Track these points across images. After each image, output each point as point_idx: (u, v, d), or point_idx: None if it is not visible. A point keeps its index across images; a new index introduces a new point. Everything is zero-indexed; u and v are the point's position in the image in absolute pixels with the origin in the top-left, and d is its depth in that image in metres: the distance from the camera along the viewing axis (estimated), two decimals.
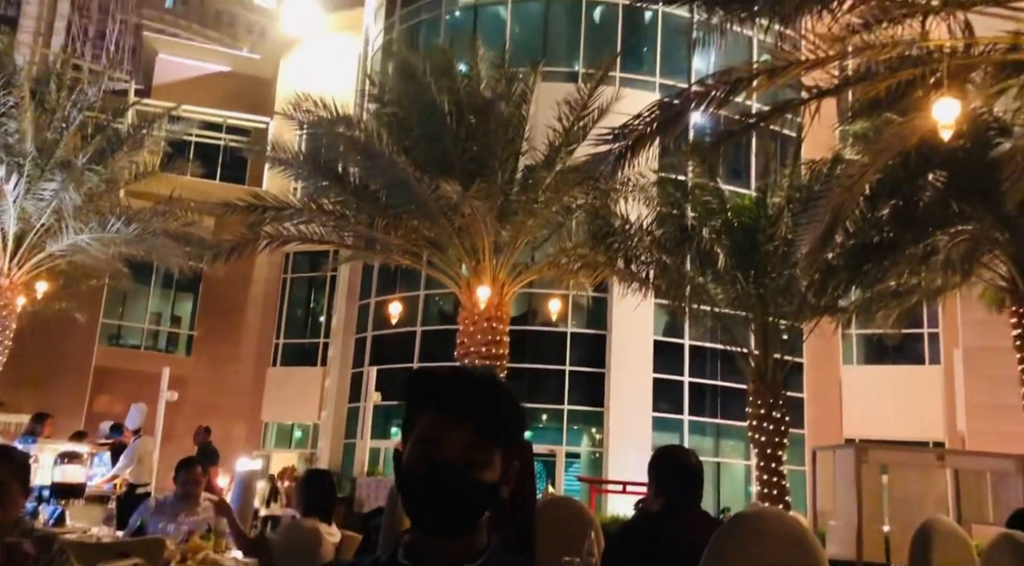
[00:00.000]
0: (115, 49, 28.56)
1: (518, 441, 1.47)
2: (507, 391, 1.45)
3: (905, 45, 7.73)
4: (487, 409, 1.40)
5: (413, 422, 1.44)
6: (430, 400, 1.43)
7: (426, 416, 1.41)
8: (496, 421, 1.40)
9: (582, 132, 14.92)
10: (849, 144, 12.17)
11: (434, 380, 1.48)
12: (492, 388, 1.44)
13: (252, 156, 24.48)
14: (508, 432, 1.43)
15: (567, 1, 23.27)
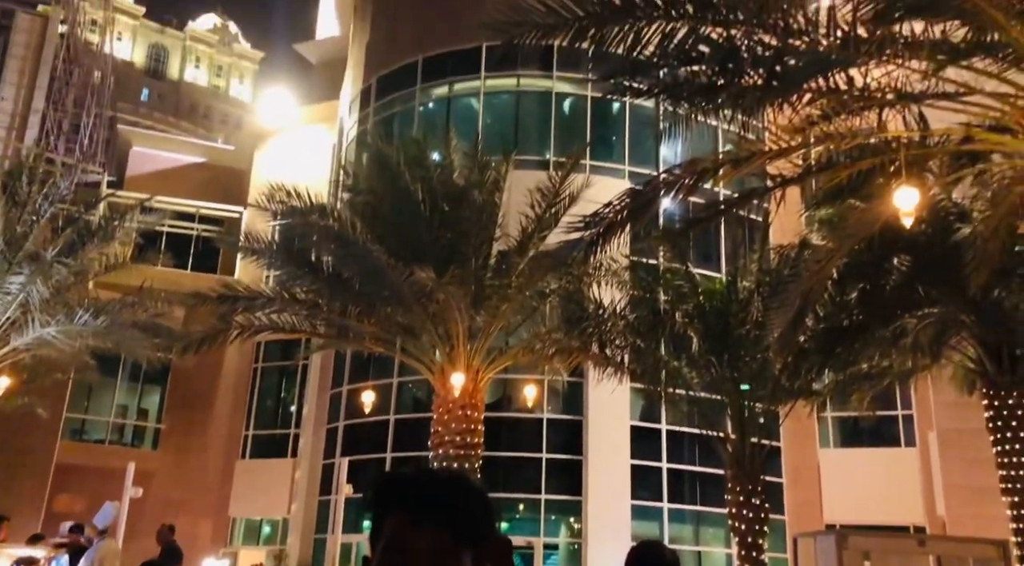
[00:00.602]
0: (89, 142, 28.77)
1: (493, 538, 1.41)
2: (477, 490, 1.41)
3: (864, 136, 8.00)
4: (455, 512, 1.35)
5: (381, 527, 1.38)
6: (396, 505, 1.38)
7: (393, 520, 1.36)
8: (466, 524, 1.35)
9: (554, 218, 15.12)
10: (815, 229, 12.45)
11: (400, 483, 1.42)
12: (460, 489, 1.40)
13: (224, 246, 24.46)
14: (479, 532, 1.37)
15: (537, 93, 23.93)
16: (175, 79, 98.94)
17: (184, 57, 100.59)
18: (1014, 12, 6.33)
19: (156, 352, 16.90)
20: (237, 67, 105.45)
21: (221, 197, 30.27)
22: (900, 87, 7.61)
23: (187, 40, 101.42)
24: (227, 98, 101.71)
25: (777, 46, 7.80)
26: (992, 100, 7.14)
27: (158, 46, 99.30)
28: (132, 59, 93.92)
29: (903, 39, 7.10)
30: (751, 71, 8.13)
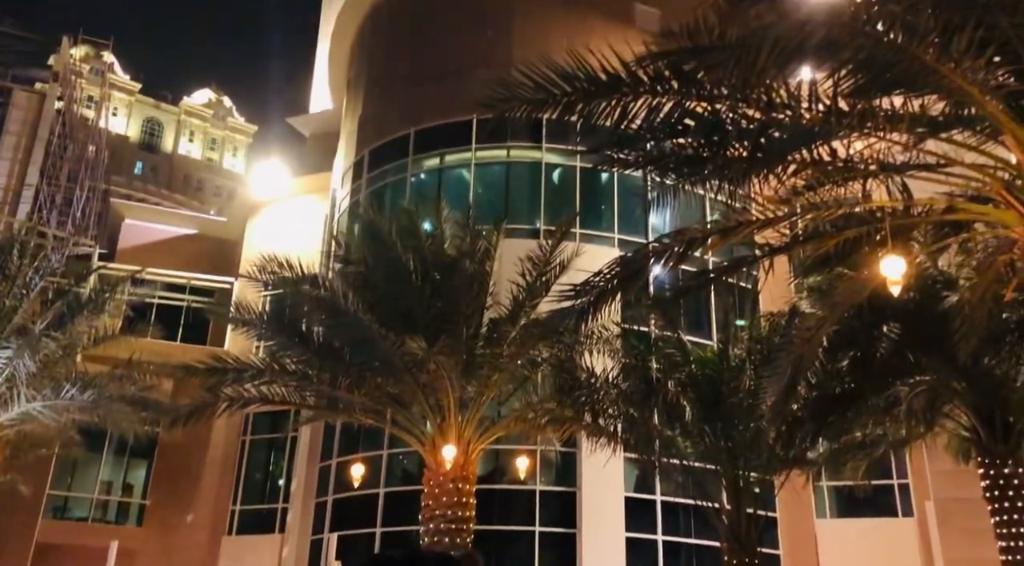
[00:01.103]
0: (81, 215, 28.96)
1: None
2: None
3: (849, 206, 8.13)
4: None
5: None
6: None
7: None
8: None
9: (545, 286, 15.17)
10: (804, 297, 12.53)
11: None
12: None
13: (215, 317, 24.39)
14: None
15: (527, 163, 24.30)
16: (169, 152, 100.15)
17: (178, 131, 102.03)
18: (989, 88, 6.52)
19: (143, 426, 16.67)
20: (231, 140, 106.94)
21: (212, 268, 30.34)
22: (882, 158, 7.77)
23: (182, 114, 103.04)
24: (220, 171, 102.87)
25: (761, 119, 7.98)
26: (972, 171, 7.30)
27: (153, 120, 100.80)
28: (127, 133, 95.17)
29: (884, 112, 7.28)
30: (736, 143, 8.30)
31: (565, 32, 23.74)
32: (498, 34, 25.25)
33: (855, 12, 6.39)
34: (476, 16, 26.08)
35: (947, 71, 6.25)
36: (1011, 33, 6.11)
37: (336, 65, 31.99)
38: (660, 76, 8.01)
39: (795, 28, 6.31)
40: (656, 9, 24.12)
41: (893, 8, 6.27)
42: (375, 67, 28.30)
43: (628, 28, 23.70)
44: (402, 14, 27.99)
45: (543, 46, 22.38)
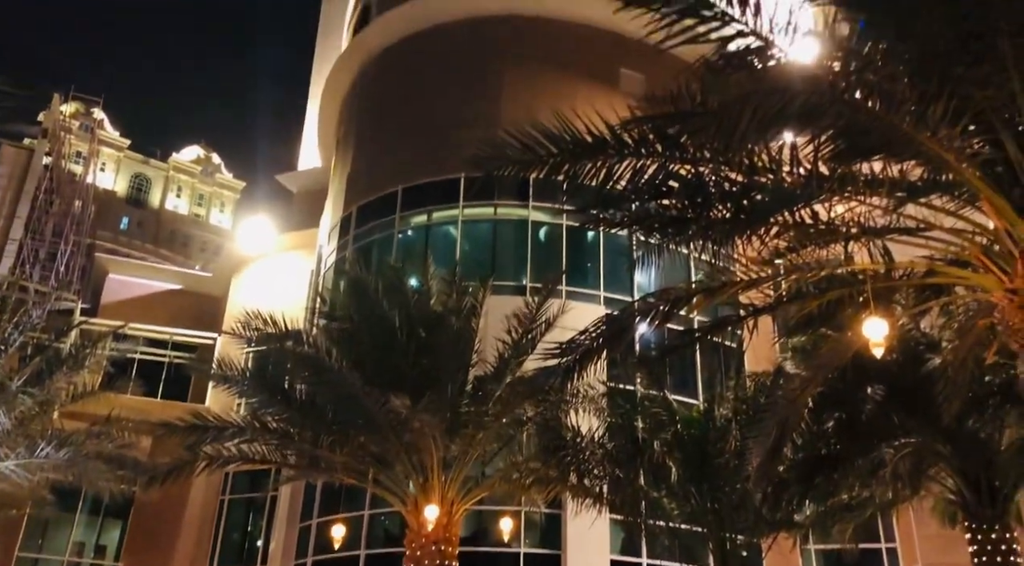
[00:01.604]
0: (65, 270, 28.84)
1: None
2: None
3: (831, 268, 8.23)
4: None
5: None
6: None
7: None
8: None
9: (531, 344, 15.13)
10: (789, 357, 12.56)
11: None
12: None
13: (196, 373, 24.14)
14: None
15: (514, 221, 24.50)
16: (156, 208, 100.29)
17: (166, 186, 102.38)
18: (965, 155, 6.68)
19: (120, 485, 16.29)
20: (218, 196, 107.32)
21: (196, 324, 30.12)
22: (863, 222, 7.90)
23: (170, 171, 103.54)
24: (207, 226, 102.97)
25: (743, 182, 8.12)
26: (951, 236, 7.42)
27: (141, 176, 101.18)
28: (114, 188, 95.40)
29: (864, 177, 7.43)
30: (719, 205, 8.42)
31: (552, 93, 24.20)
32: (487, 94, 25.70)
33: (833, 81, 6.57)
34: (465, 76, 26.57)
35: (924, 139, 6.41)
36: (984, 104, 6.29)
37: (326, 123, 32.38)
38: (644, 139, 8.17)
39: (775, 96, 6.47)
40: (640, 74, 24.66)
41: (870, 77, 6.45)
42: (365, 125, 28.66)
43: (613, 91, 24.22)
44: (392, 74, 28.47)
45: (530, 107, 22.82)
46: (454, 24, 27.36)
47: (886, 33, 6.57)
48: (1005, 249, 6.92)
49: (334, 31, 36.09)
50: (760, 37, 7.10)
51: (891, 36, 6.53)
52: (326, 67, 32.85)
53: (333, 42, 35.56)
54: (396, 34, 28.45)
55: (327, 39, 36.76)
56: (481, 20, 27.13)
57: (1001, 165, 6.77)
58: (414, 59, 27.92)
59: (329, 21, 37.33)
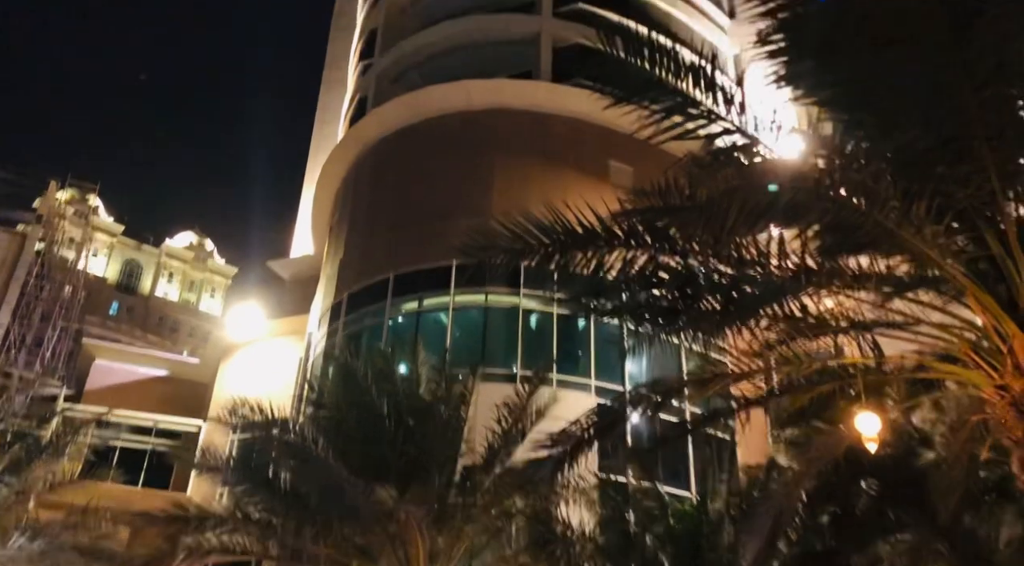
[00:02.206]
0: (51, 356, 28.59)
1: None
2: None
3: (822, 361, 8.24)
4: None
5: None
6: None
7: None
8: None
9: (521, 434, 14.95)
10: (782, 450, 12.42)
11: None
12: None
13: (179, 462, 23.66)
14: None
15: (505, 309, 24.53)
16: (146, 294, 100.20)
17: (158, 272, 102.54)
18: (949, 251, 6.80)
19: None
20: (210, 282, 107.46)
21: (182, 410, 29.69)
22: (852, 316, 7.96)
23: (162, 256, 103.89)
24: (197, 312, 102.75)
25: (732, 274, 8.21)
26: (939, 331, 7.48)
27: (133, 262, 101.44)
28: (105, 274, 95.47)
29: (851, 271, 7.53)
30: (709, 296, 8.49)
31: (543, 184, 24.66)
32: (479, 184, 26.15)
33: (818, 178, 6.73)
34: (457, 167, 27.08)
35: (909, 236, 6.52)
36: (966, 203, 6.44)
37: (320, 211, 32.77)
38: (634, 231, 8.29)
39: (761, 191, 6.62)
40: (629, 166, 25.20)
41: (855, 176, 6.61)
42: (358, 213, 29.00)
43: (603, 182, 24.69)
44: (386, 163, 29.01)
45: (522, 197, 23.20)
46: (448, 117, 28.07)
47: (868, 133, 6.77)
48: (993, 345, 6.95)
49: (331, 121, 36.95)
50: (746, 135, 7.31)
51: (873, 136, 6.73)
52: (322, 156, 33.49)
53: (329, 132, 36.38)
54: (391, 126, 29.13)
55: (323, 129, 37.62)
56: (474, 113, 27.85)
57: (985, 262, 6.88)
58: (408, 149, 28.50)
59: (326, 111, 38.26)
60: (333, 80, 38.48)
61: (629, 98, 8.07)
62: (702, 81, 7.65)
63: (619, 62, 7.97)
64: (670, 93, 7.81)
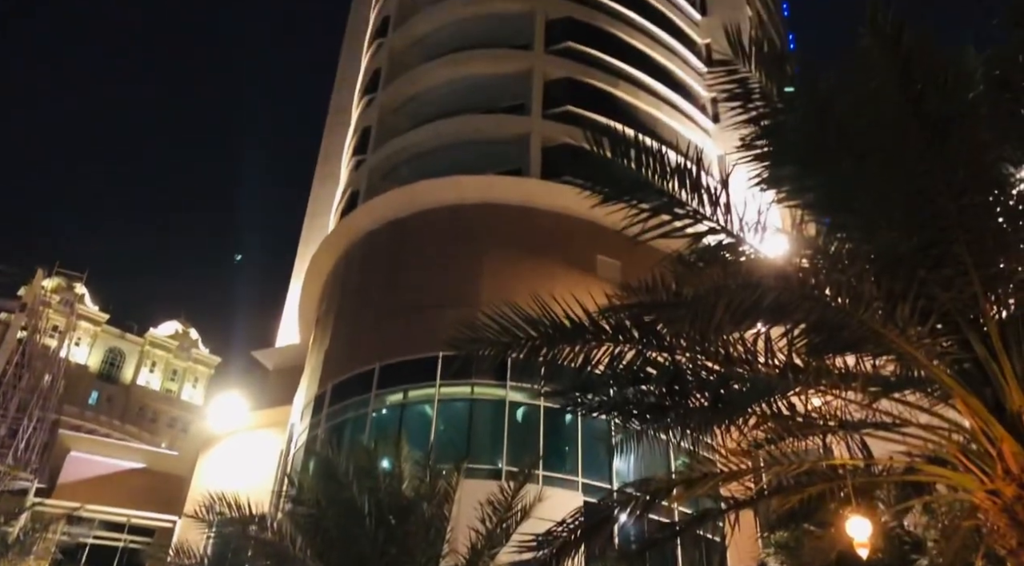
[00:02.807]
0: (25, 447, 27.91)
1: None
2: None
3: (811, 461, 8.14)
4: None
5: None
6: None
7: None
8: None
9: (505, 534, 14.56)
10: (772, 553, 12.11)
11: None
12: None
13: (151, 561, 22.81)
14: None
15: (491, 401, 24.28)
16: (127, 383, 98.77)
17: (140, 361, 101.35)
18: (934, 353, 6.82)
19: None
20: (192, 371, 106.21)
21: (158, 505, 28.80)
22: (840, 415, 7.92)
23: (146, 345, 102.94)
24: (178, 402, 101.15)
25: (720, 371, 8.19)
26: (928, 433, 7.42)
27: (115, 350, 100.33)
28: (87, 363, 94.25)
29: (838, 370, 7.53)
30: (697, 393, 8.44)
31: (530, 277, 24.81)
32: (466, 277, 26.29)
33: (803, 278, 6.81)
34: (446, 259, 27.29)
35: (894, 337, 6.56)
36: (949, 305, 6.51)
37: (307, 300, 32.77)
38: (622, 326, 8.31)
39: (747, 290, 6.68)
40: (617, 260, 25.47)
41: (839, 276, 6.70)
42: (345, 303, 29.01)
43: (590, 276, 24.90)
44: (375, 255, 29.22)
45: (509, 289, 23.28)
46: (438, 210, 28.48)
47: (851, 235, 6.90)
48: (982, 448, 6.89)
49: (322, 214, 37.40)
50: (731, 234, 7.44)
51: (855, 238, 6.85)
52: (312, 247, 33.73)
53: (320, 224, 36.76)
54: (381, 218, 29.50)
55: (314, 221, 38.03)
56: (464, 207, 28.28)
57: (970, 364, 6.90)
58: (397, 242, 28.77)
59: (317, 204, 38.77)
60: (326, 175, 39.16)
61: (617, 197, 8.23)
62: (688, 182, 7.83)
63: (607, 162, 8.16)
64: (657, 193, 7.97)
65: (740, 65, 7.49)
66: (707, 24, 38.51)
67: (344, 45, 44.01)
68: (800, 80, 7.73)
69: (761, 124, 6.99)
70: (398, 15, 36.51)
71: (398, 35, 35.70)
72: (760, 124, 7.01)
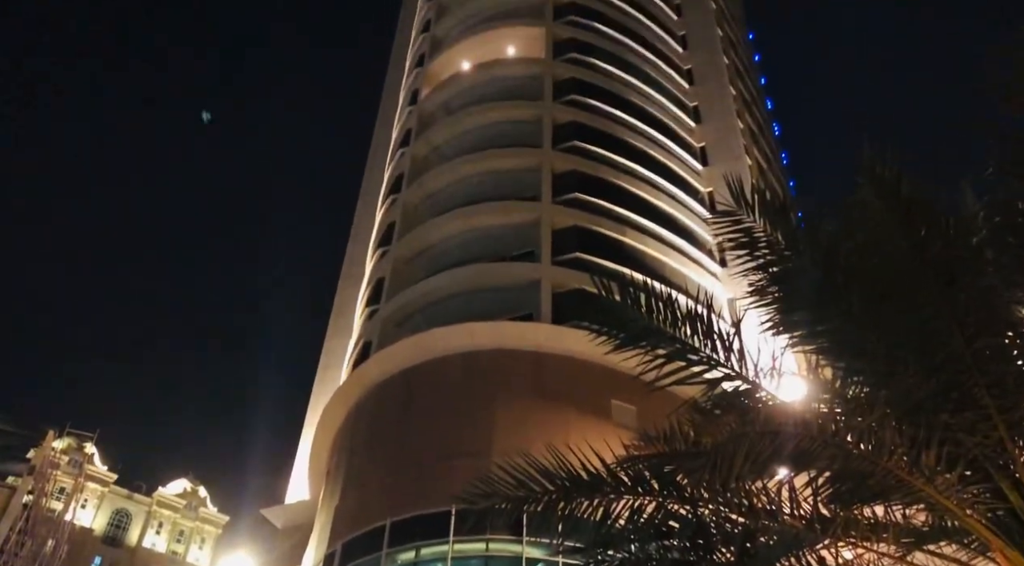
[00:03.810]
0: None
1: None
2: None
3: None
4: None
5: None
6: None
7: None
8: None
9: None
10: None
11: None
12: None
13: None
14: None
15: (507, 558, 23.32)
16: (132, 546, 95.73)
17: (147, 522, 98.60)
18: (967, 502, 6.57)
19: None
20: (200, 531, 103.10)
21: None
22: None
23: (153, 506, 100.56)
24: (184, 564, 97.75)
25: (745, 523, 7.89)
26: None
27: (122, 511, 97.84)
28: (92, 526, 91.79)
29: (867, 521, 7.24)
30: (723, 548, 8.11)
31: (544, 424, 24.46)
32: (479, 426, 25.93)
33: (822, 424, 6.68)
34: (457, 408, 27.00)
35: (921, 485, 6.34)
36: (976, 451, 6.33)
37: (318, 454, 32.24)
38: (641, 478, 8.11)
39: (766, 438, 6.55)
40: (632, 406, 25.15)
41: (859, 423, 6.57)
42: (356, 457, 28.51)
43: (605, 422, 24.53)
44: (387, 406, 28.97)
45: (523, 437, 22.89)
46: (450, 357, 28.49)
47: (867, 380, 6.82)
48: None
49: (334, 366, 37.45)
50: (746, 380, 7.37)
51: (872, 382, 6.77)
52: (323, 399, 33.55)
53: (332, 376, 36.73)
54: (394, 367, 29.48)
55: (326, 373, 38.02)
56: (476, 353, 28.29)
57: (1004, 512, 6.61)
58: (409, 390, 28.62)
59: (330, 356, 38.86)
60: (339, 327, 39.55)
61: (630, 344, 8.24)
62: (700, 328, 7.85)
63: (618, 308, 8.23)
64: (669, 339, 7.98)
65: (744, 215, 7.70)
66: (708, 173, 39.87)
67: (360, 202, 45.65)
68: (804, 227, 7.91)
69: (769, 271, 7.09)
70: (411, 173, 38.07)
71: (411, 191, 37.07)
72: (768, 271, 7.11)
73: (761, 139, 48.43)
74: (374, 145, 48.35)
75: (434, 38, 45.19)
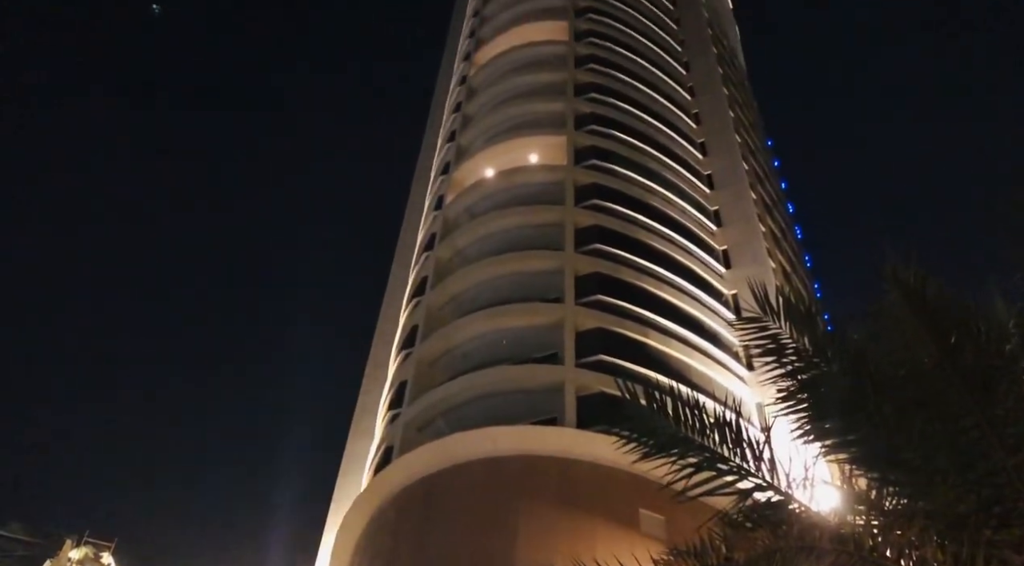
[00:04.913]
0: None
1: None
2: None
3: None
4: None
5: None
6: None
7: None
8: None
9: None
10: None
11: None
12: None
13: None
14: None
15: None
16: None
17: None
18: None
19: None
20: None
21: None
22: None
23: None
24: None
25: None
26: None
27: None
28: None
29: None
30: None
31: (570, 533, 23.77)
32: (503, 534, 25.21)
33: (860, 541, 6.42)
34: (481, 515, 26.33)
35: None
36: None
37: (338, 559, 31.38)
38: None
39: (802, 553, 6.30)
40: (660, 515, 24.38)
41: (898, 537, 6.32)
42: (379, 563, 27.71)
43: (633, 532, 23.77)
44: (409, 511, 28.34)
45: (548, 547, 22.19)
46: (472, 463, 27.97)
47: (903, 491, 6.60)
48: None
49: (355, 471, 36.92)
50: (778, 491, 7.15)
51: (909, 494, 6.55)
52: (344, 504, 32.93)
53: (353, 481, 36.17)
54: (416, 473, 28.97)
55: (347, 478, 37.43)
56: (498, 459, 27.77)
57: None
58: (431, 498, 28.02)
59: (351, 461, 38.32)
60: (361, 431, 39.16)
61: (658, 452, 8.07)
62: (729, 436, 7.70)
63: (645, 414, 8.11)
64: (698, 448, 7.81)
65: (770, 321, 7.65)
66: (732, 276, 39.89)
67: (383, 305, 46.01)
68: (832, 331, 7.83)
69: (798, 377, 6.98)
70: (435, 275, 38.46)
71: (435, 293, 37.35)
72: (796, 377, 7.00)
73: (784, 242, 48.64)
74: (399, 249, 49.16)
75: (459, 147, 46.51)
